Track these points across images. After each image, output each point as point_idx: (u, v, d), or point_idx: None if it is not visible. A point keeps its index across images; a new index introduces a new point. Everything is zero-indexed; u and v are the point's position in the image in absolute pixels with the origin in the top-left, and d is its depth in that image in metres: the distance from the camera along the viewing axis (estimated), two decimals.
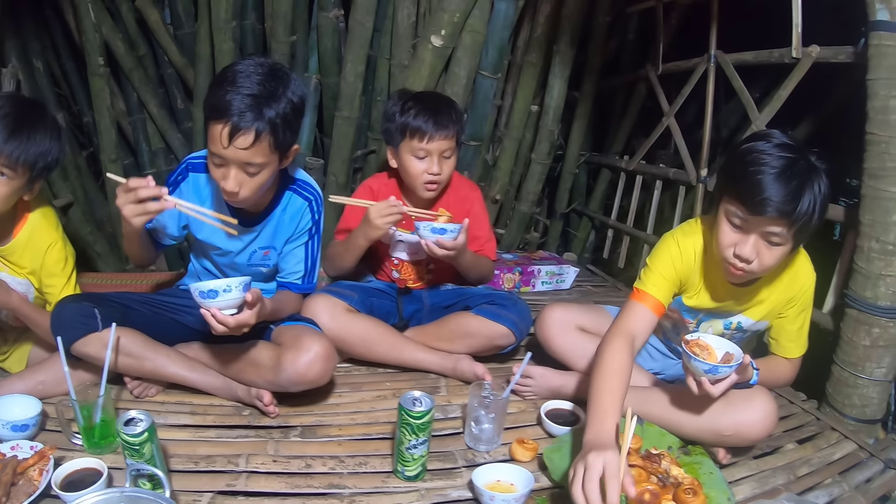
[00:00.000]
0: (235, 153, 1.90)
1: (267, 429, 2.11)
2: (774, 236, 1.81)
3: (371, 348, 2.46)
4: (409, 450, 1.78)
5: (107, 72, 3.56)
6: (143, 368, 2.14)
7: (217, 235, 2.28)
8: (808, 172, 1.75)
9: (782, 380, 2.22)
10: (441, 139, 2.48)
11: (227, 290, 1.82)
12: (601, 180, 4.59)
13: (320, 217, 2.35)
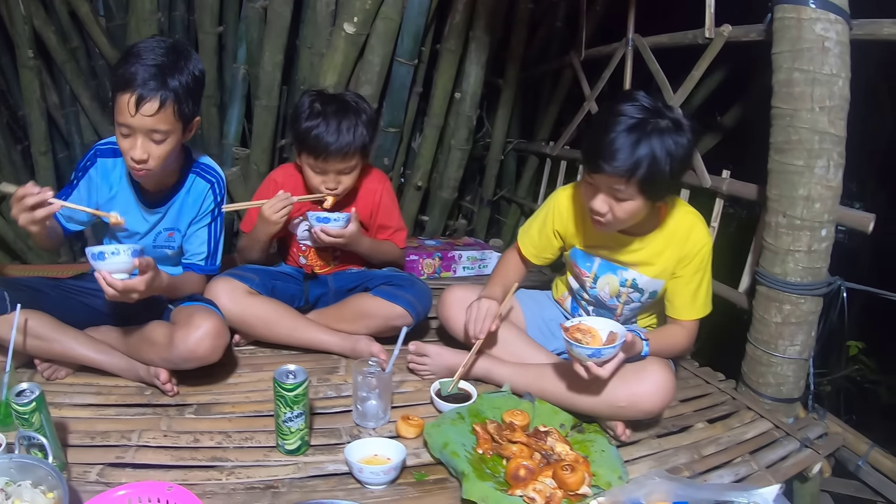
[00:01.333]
0: (142, 121, 1.97)
1: (164, 406, 2.16)
2: (618, 192, 1.92)
3: (272, 329, 2.50)
4: (285, 423, 1.83)
5: (37, 64, 3.57)
6: (52, 350, 2.18)
7: (126, 217, 2.27)
8: (648, 133, 1.86)
9: (678, 346, 2.23)
10: (338, 161, 2.48)
11: (115, 253, 1.88)
12: (528, 167, 4.63)
13: (223, 199, 2.40)
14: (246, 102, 3.79)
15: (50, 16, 3.58)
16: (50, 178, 3.82)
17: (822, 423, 2.34)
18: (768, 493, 1.37)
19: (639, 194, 1.92)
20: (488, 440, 1.89)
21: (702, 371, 2.66)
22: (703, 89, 3.61)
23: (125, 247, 1.90)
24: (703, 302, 2.22)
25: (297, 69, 3.65)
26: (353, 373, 2.07)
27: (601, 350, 1.86)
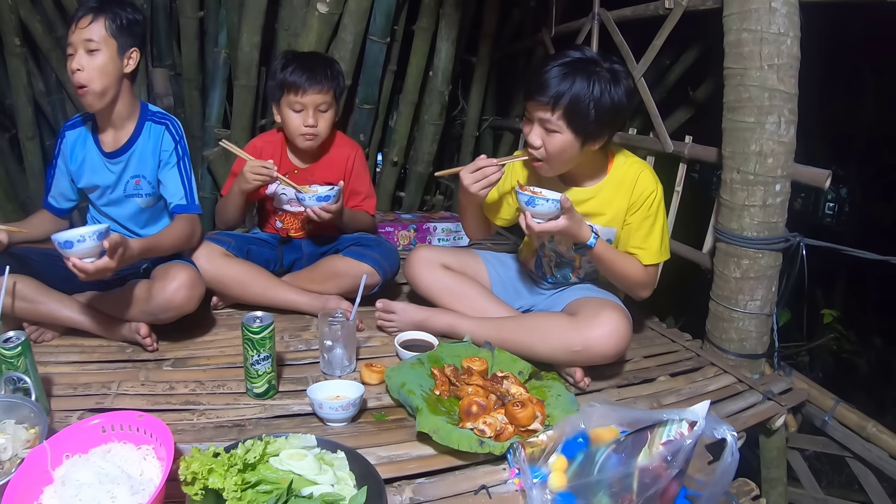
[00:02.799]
0: (79, 34, 2.23)
1: (144, 361, 2.27)
2: (547, 122, 2.03)
3: (246, 289, 2.61)
4: (253, 365, 1.94)
5: (24, 52, 3.67)
6: (38, 312, 2.31)
7: (95, 175, 2.50)
8: (577, 70, 1.98)
9: (633, 272, 2.28)
10: (315, 93, 2.66)
11: (80, 240, 1.98)
12: (504, 143, 4.73)
13: (181, 139, 2.54)
14: (227, 86, 3.88)
15: (35, 6, 3.67)
16: (37, 162, 3.92)
17: (787, 379, 2.40)
18: (699, 409, 1.44)
19: (567, 128, 2.02)
20: (445, 383, 1.97)
21: (669, 332, 2.73)
22: (678, 67, 3.74)
23: (90, 231, 2.00)
24: (658, 248, 2.28)
25: (276, 50, 3.72)
26: (319, 323, 2.17)
27: (535, 199, 2.00)
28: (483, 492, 1.61)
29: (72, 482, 1.46)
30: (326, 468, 1.54)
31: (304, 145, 2.77)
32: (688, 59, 3.76)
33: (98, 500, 1.41)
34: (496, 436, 1.71)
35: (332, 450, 1.63)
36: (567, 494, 1.48)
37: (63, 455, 1.53)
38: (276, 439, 1.60)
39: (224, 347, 2.39)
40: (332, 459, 1.59)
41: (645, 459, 1.41)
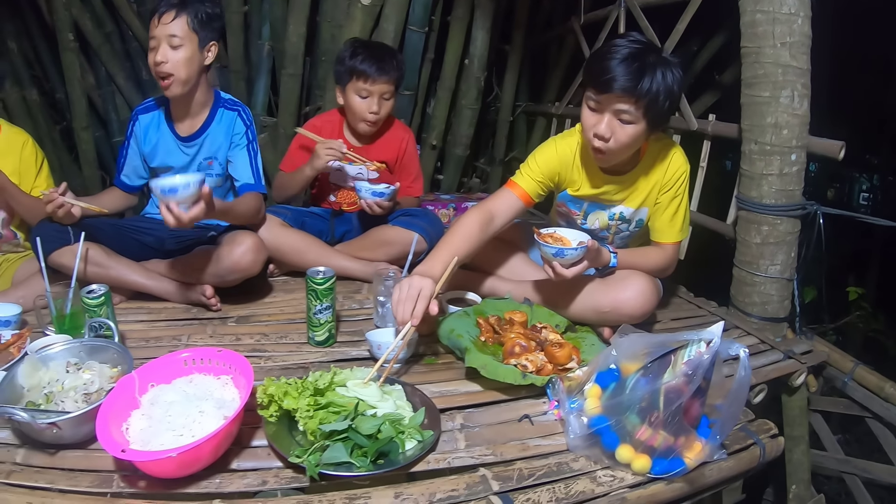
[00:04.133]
0: (162, 29, 2.46)
1: (209, 319, 2.53)
2: (624, 114, 2.09)
3: (302, 256, 2.85)
4: (315, 315, 2.19)
5: (77, 47, 3.96)
6: (108, 276, 2.51)
7: (169, 156, 2.76)
8: (653, 62, 2.04)
9: (654, 264, 2.43)
10: (383, 82, 2.93)
11: (185, 186, 2.17)
12: (538, 128, 4.95)
13: (251, 124, 2.77)
14: (271, 76, 4.15)
15: (84, 3, 3.95)
16: (90, 151, 4.22)
17: (808, 342, 2.56)
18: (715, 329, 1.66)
19: (642, 118, 2.10)
20: (490, 331, 2.19)
21: (696, 300, 2.91)
22: (705, 53, 3.95)
23: (194, 179, 2.20)
24: (681, 226, 2.42)
25: (319, 41, 3.98)
26: (374, 281, 2.41)
27: (564, 250, 2.12)
28: (526, 420, 1.84)
29: (161, 402, 1.69)
30: (387, 396, 1.78)
31: (366, 129, 3.04)
32: (714, 44, 3.93)
33: (188, 414, 1.62)
34: (537, 371, 1.95)
35: (390, 383, 1.88)
36: (600, 417, 1.69)
37: (148, 384, 1.76)
38: (341, 370, 1.86)
39: (283, 307, 2.65)
40: (391, 390, 1.83)
41: (669, 378, 1.62)
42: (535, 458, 1.68)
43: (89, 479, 1.56)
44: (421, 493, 1.52)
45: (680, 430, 1.62)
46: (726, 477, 1.76)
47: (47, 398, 1.76)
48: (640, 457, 1.62)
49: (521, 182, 2.44)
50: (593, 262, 2.25)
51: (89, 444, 1.68)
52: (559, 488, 1.57)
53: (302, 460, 1.54)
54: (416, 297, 1.97)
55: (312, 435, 1.63)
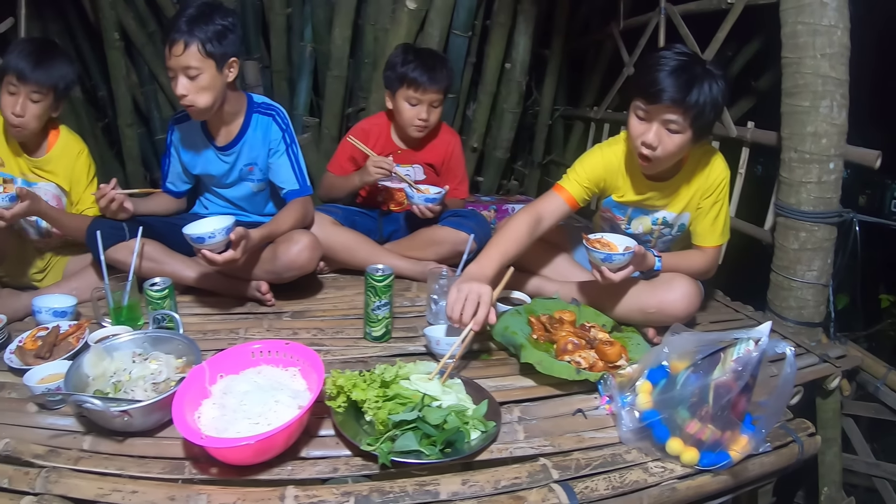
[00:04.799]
0: (176, 61, 2.48)
1: (263, 314, 2.64)
2: (672, 123, 2.18)
3: (353, 255, 2.97)
4: (374, 311, 2.31)
5: (122, 45, 4.08)
6: (163, 271, 2.61)
7: (209, 165, 2.87)
8: (700, 73, 2.14)
9: (694, 267, 2.51)
10: (432, 91, 3.03)
11: (211, 236, 2.33)
12: (575, 132, 5.01)
13: (288, 127, 2.85)
14: (313, 77, 4.27)
15: (128, 3, 4.08)
16: (134, 147, 4.35)
17: (842, 347, 2.63)
18: (763, 328, 1.77)
19: (689, 128, 2.18)
20: (541, 329, 2.30)
21: (734, 304, 2.98)
22: (741, 58, 4.00)
23: (219, 228, 2.34)
24: (722, 230, 2.51)
25: (363, 44, 4.10)
26: (429, 279, 2.54)
27: (612, 255, 2.22)
28: (579, 414, 1.95)
29: (235, 392, 1.78)
30: (448, 390, 1.89)
31: (415, 135, 3.14)
32: (749, 51, 3.98)
33: (264, 403, 1.71)
34: (589, 368, 2.06)
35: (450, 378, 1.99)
36: (652, 412, 1.79)
37: (217, 375, 1.85)
38: (404, 364, 1.97)
39: (336, 303, 2.76)
40: (452, 384, 1.95)
41: (719, 374, 1.73)
42: (590, 449, 1.79)
43: (160, 465, 1.64)
44: (486, 480, 1.63)
45: (727, 424, 1.73)
46: (767, 472, 1.86)
47: (115, 387, 1.86)
48: (689, 449, 1.73)
49: (568, 186, 2.52)
50: (639, 265, 2.33)
51: (157, 432, 1.78)
52: (614, 478, 1.68)
53: (374, 448, 1.65)
54: (477, 302, 2.06)
55: (382, 424, 1.73)
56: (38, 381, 1.94)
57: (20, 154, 2.71)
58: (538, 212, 2.46)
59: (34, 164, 2.73)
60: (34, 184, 2.73)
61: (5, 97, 2.52)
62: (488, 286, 2.11)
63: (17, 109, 2.51)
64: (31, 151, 2.73)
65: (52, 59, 2.54)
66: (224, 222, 2.37)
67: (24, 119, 2.53)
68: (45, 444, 1.72)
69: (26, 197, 2.42)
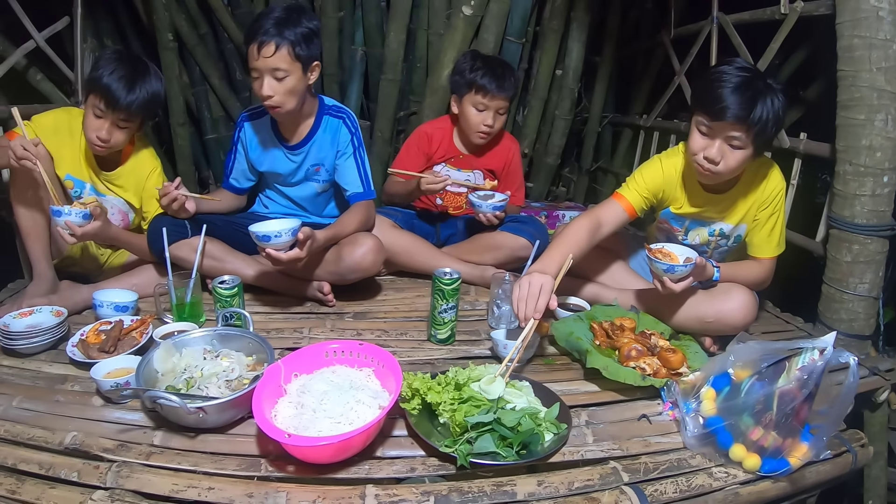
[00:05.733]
0: (264, 62, 2.56)
1: (325, 314, 2.74)
2: (735, 140, 2.25)
3: (412, 258, 3.07)
4: (440, 313, 2.40)
5: (176, 47, 4.18)
6: (224, 269, 2.70)
7: (277, 163, 2.97)
8: (762, 88, 2.19)
9: (751, 277, 2.57)
10: (500, 98, 3.13)
11: (277, 235, 2.43)
12: (624, 139, 5.06)
13: (357, 131, 2.94)
14: (363, 80, 4.36)
15: (180, 5, 4.18)
16: (186, 147, 4.46)
17: (891, 360, 2.64)
18: (828, 338, 1.85)
19: (751, 143, 2.25)
20: (603, 335, 2.39)
21: (784, 315, 3.04)
22: (788, 66, 4.02)
23: (287, 228, 2.44)
24: (778, 241, 2.57)
25: (415, 48, 4.19)
26: (492, 284, 2.63)
27: (675, 266, 2.29)
28: (644, 419, 2.04)
29: (313, 391, 1.85)
30: (518, 392, 1.98)
31: (477, 141, 3.24)
32: (797, 59, 3.99)
33: (345, 402, 1.78)
34: (653, 374, 2.15)
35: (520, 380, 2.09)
36: (716, 418, 1.88)
37: (292, 374, 1.93)
38: (476, 367, 2.06)
39: (397, 305, 2.86)
40: (521, 387, 2.03)
41: (784, 383, 1.82)
42: (656, 453, 1.88)
43: (235, 462, 1.72)
44: (561, 481, 1.72)
45: (789, 431, 1.82)
46: (823, 480, 1.95)
47: (188, 383, 1.93)
48: (751, 456, 1.82)
49: (628, 195, 2.59)
50: (698, 276, 2.39)
51: (228, 429, 1.86)
52: (681, 481, 1.77)
53: (453, 450, 1.73)
54: (538, 293, 2.11)
55: (458, 427, 1.81)
56: (104, 375, 2.02)
57: (91, 162, 2.78)
58: (598, 218, 2.53)
59: (105, 176, 2.81)
60: (102, 195, 2.81)
61: (90, 118, 2.58)
62: (548, 275, 2.18)
63: (102, 134, 2.58)
64: (102, 163, 2.81)
65: (144, 83, 2.58)
66: (291, 223, 2.47)
67: (109, 144, 2.61)
68: (114, 438, 1.80)
69: (99, 217, 2.50)
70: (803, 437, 1.84)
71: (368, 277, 2.84)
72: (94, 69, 2.55)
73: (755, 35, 3.39)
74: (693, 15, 4.01)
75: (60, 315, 2.41)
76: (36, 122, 2.67)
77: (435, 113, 4.01)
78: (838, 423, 1.93)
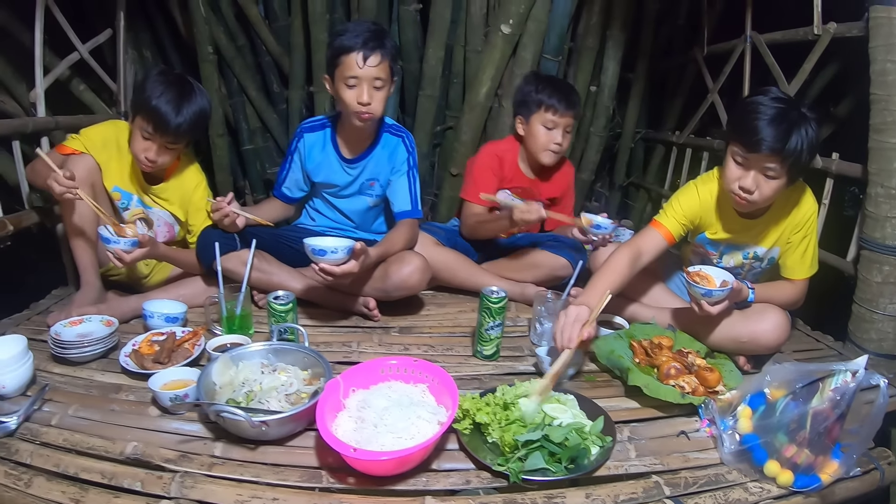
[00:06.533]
0: (368, 71, 2.73)
1: (372, 328, 2.86)
2: (770, 170, 2.33)
3: (454, 274, 3.19)
4: (487, 331, 2.52)
5: (215, 59, 4.35)
6: (271, 282, 2.86)
7: (333, 175, 3.10)
8: (796, 119, 2.25)
9: (784, 298, 2.64)
10: (568, 115, 3.25)
11: (334, 251, 2.53)
12: (656, 155, 5.16)
13: (413, 151, 3.09)
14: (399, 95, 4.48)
15: (218, 18, 4.33)
16: (224, 157, 4.60)
17: None
18: (860, 361, 1.95)
19: (785, 174, 2.33)
20: (642, 353, 2.51)
21: (814, 333, 3.08)
22: (818, 82, 4.06)
23: (343, 246, 2.54)
24: (811, 263, 2.64)
25: (451, 64, 4.30)
26: (535, 301, 2.74)
27: (712, 291, 2.37)
28: (682, 435, 2.15)
29: (373, 406, 1.93)
30: (563, 407, 2.10)
31: (546, 161, 3.35)
32: (826, 75, 4.04)
33: (406, 417, 1.87)
34: (691, 392, 2.26)
35: (564, 393, 2.20)
36: (752, 436, 2.00)
37: (350, 389, 2.01)
38: (521, 384, 2.18)
39: (440, 320, 2.99)
40: (566, 400, 2.15)
41: (818, 403, 1.94)
42: (695, 468, 1.99)
43: (296, 473, 1.80)
44: (607, 494, 1.83)
45: (821, 449, 1.94)
46: (851, 496, 2.05)
47: (248, 396, 2.01)
48: (785, 472, 1.94)
49: (666, 222, 2.69)
50: (734, 298, 2.47)
51: (287, 441, 1.94)
52: (719, 496, 1.89)
53: (505, 468, 1.85)
54: (573, 323, 2.26)
55: (507, 446, 1.93)
56: (161, 386, 2.09)
57: (138, 176, 2.92)
58: (638, 247, 2.64)
59: (151, 190, 2.95)
60: (149, 207, 2.95)
61: (138, 139, 2.72)
62: (586, 306, 2.32)
63: (150, 155, 2.72)
64: (149, 177, 2.94)
65: (191, 104, 2.71)
66: (346, 242, 2.58)
67: (157, 164, 2.76)
68: (174, 448, 1.89)
69: (147, 243, 2.63)
70: (834, 455, 1.96)
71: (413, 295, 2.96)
72: (142, 91, 2.68)
73: (787, 51, 3.49)
74: (725, 32, 4.11)
75: (111, 325, 2.53)
76: (85, 135, 2.81)
77: (472, 129, 4.17)
78: (868, 442, 2.03)
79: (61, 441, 1.90)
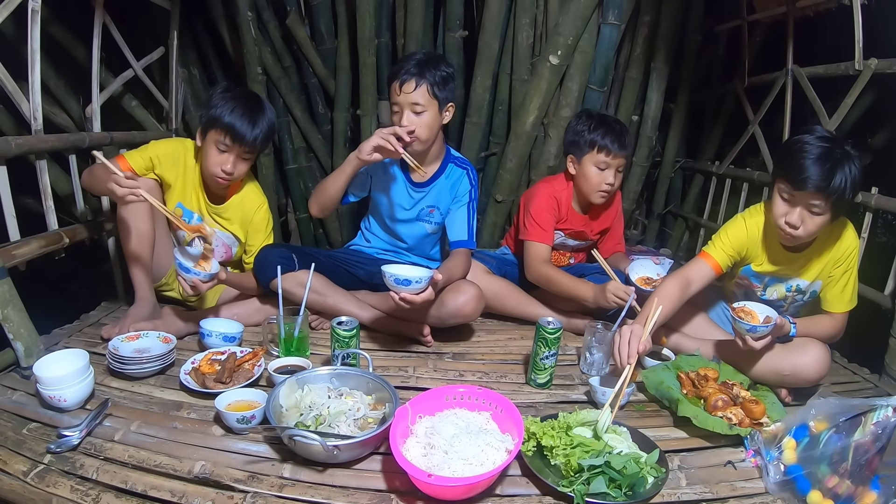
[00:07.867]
0: (405, 97, 2.92)
1: (426, 353, 3.00)
2: (815, 207, 2.46)
3: (502, 302, 3.35)
4: (542, 360, 2.67)
5: (264, 79, 4.53)
6: (325, 304, 3.02)
7: (397, 195, 3.25)
8: (841, 157, 2.38)
9: (826, 332, 2.77)
10: (620, 156, 3.36)
11: (417, 281, 2.68)
12: (695, 184, 5.32)
13: (475, 184, 3.24)
14: None
15: (265, 39, 4.52)
16: (270, 176, 4.81)
17: None
18: None
19: (829, 210, 2.47)
20: (690, 385, 2.60)
21: (851, 366, 3.24)
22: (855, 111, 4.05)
23: (425, 276, 2.69)
24: (851, 297, 2.78)
25: (497, 92, 4.45)
26: (586, 332, 2.88)
27: (757, 327, 2.49)
28: (729, 465, 2.29)
29: (442, 433, 2.01)
30: (619, 438, 2.24)
31: (597, 201, 3.46)
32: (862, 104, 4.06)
33: (476, 444, 1.95)
34: (738, 424, 2.40)
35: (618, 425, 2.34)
36: (796, 466, 2.15)
37: (417, 415, 2.10)
38: (580, 411, 2.34)
39: (492, 347, 3.13)
40: (620, 432, 2.28)
41: (860, 436, 2.08)
42: (742, 497, 2.13)
43: (366, 496, 1.89)
44: None
45: (861, 480, 2.08)
46: None
47: (317, 420, 2.09)
48: (827, 501, 2.07)
49: (714, 254, 2.82)
50: (777, 333, 2.59)
51: (354, 464, 2.04)
52: None
53: (570, 490, 1.98)
54: (629, 340, 2.43)
55: (570, 469, 2.07)
56: (226, 406, 2.18)
57: (202, 194, 3.09)
58: (687, 277, 2.79)
59: (213, 209, 3.12)
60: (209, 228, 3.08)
61: (214, 153, 2.91)
62: (639, 325, 2.50)
63: (227, 167, 2.91)
64: (211, 197, 3.11)
65: (262, 116, 2.93)
66: (424, 272, 2.72)
67: (234, 176, 2.95)
68: (242, 469, 1.98)
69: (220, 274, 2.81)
70: (873, 486, 2.08)
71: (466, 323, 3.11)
72: (212, 107, 2.88)
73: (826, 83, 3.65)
74: (765, 64, 4.26)
75: (169, 342, 2.66)
76: (155, 148, 2.99)
77: (518, 157, 4.33)
78: None
79: (126, 457, 2.00)
